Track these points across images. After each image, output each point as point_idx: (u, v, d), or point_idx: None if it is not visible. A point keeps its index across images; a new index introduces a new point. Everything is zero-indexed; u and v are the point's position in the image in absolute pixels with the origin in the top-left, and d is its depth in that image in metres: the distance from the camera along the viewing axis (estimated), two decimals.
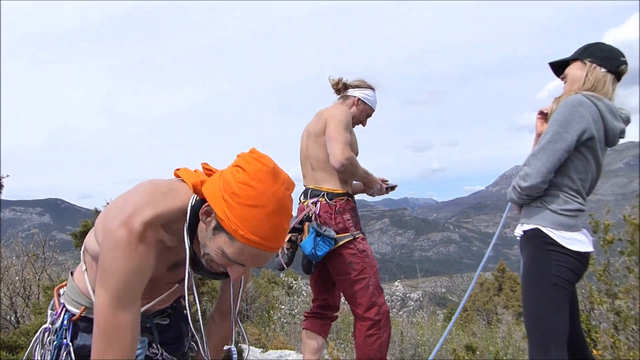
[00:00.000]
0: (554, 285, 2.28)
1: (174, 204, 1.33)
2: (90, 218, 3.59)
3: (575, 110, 2.28)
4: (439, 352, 5.44)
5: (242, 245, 1.23)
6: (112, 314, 1.24)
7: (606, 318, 3.71)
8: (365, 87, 3.28)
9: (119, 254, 1.22)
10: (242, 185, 1.22)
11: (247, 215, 1.21)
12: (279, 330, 7.08)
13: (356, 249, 2.95)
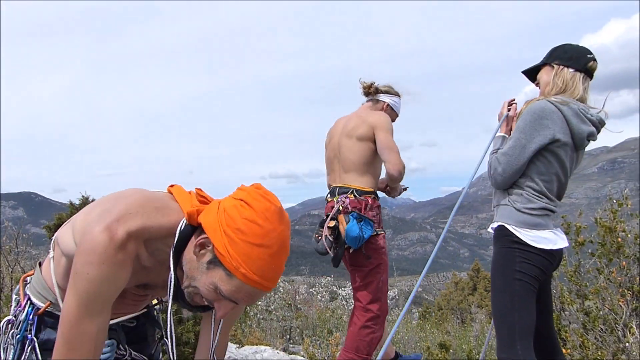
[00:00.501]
0: (518, 281, 2.34)
1: (164, 222, 1.26)
2: (64, 212, 3.54)
3: (537, 118, 2.36)
4: (413, 349, 5.50)
5: (240, 284, 1.17)
6: (79, 320, 1.19)
7: (576, 318, 3.80)
8: (394, 94, 3.46)
9: (95, 259, 1.16)
10: (248, 223, 1.16)
11: (251, 254, 1.15)
12: (255, 327, 7.07)
13: (377, 245, 3.07)
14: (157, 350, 1.72)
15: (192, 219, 1.25)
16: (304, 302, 8.43)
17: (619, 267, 3.57)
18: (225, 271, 1.17)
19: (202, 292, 1.22)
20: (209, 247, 1.19)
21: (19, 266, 4.33)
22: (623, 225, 3.71)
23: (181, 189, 1.41)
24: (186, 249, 1.26)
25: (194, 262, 1.23)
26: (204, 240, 1.20)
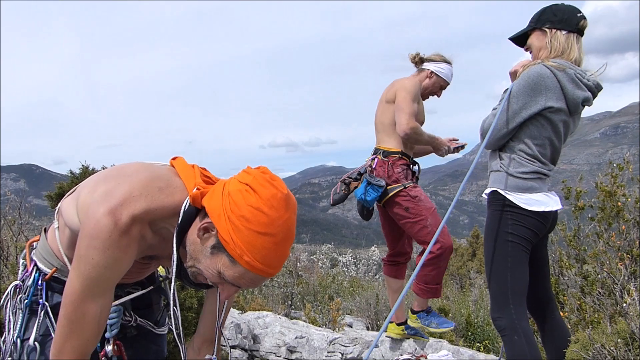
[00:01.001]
0: (510, 242, 2.37)
1: (167, 202, 1.25)
2: (66, 181, 3.53)
3: (532, 84, 2.34)
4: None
5: (244, 271, 1.17)
6: (81, 303, 1.20)
7: (574, 282, 3.83)
8: (440, 61, 3.61)
9: (99, 245, 1.16)
10: (253, 210, 1.14)
11: (255, 243, 1.14)
12: (257, 293, 7.16)
13: (409, 196, 3.41)
14: (163, 316, 1.74)
15: (196, 202, 1.23)
16: (305, 269, 8.53)
17: (619, 231, 3.58)
18: (229, 257, 1.16)
19: (205, 274, 1.22)
20: (213, 231, 1.18)
21: (23, 235, 4.39)
22: (623, 190, 3.71)
23: (184, 163, 1.39)
24: (190, 230, 1.25)
25: (197, 244, 1.22)
26: (208, 224, 1.19)
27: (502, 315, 2.38)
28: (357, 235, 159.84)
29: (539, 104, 2.33)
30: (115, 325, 1.48)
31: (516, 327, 2.33)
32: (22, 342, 1.41)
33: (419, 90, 3.52)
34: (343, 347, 4.08)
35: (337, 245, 12.07)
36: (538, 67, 2.36)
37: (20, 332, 1.42)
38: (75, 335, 1.21)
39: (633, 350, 1.81)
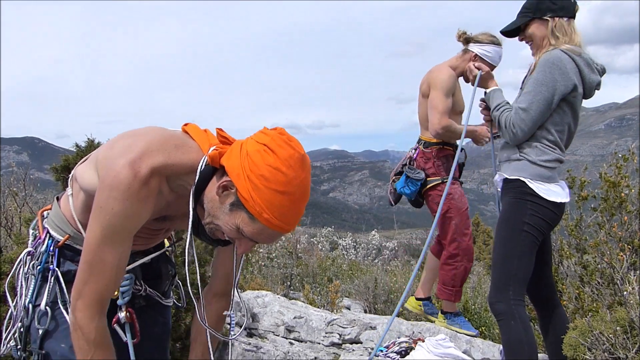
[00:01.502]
0: (525, 232, 2.38)
1: (185, 160, 1.30)
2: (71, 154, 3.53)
3: (556, 67, 2.32)
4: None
5: (263, 227, 1.21)
6: (101, 249, 1.25)
7: (573, 271, 3.84)
8: (487, 43, 3.45)
9: (119, 195, 1.20)
10: (272, 170, 1.18)
11: (274, 201, 1.18)
12: (257, 273, 7.21)
13: (449, 193, 3.41)
14: (169, 288, 1.78)
15: (214, 162, 1.28)
16: (305, 251, 8.57)
17: (621, 222, 3.58)
18: (248, 214, 1.21)
19: (224, 230, 1.27)
20: (232, 189, 1.22)
21: (28, 206, 4.42)
22: (627, 181, 3.70)
23: (196, 127, 1.42)
24: (207, 188, 1.30)
25: (216, 202, 1.26)
26: (227, 183, 1.23)
27: (500, 300, 2.41)
28: (357, 219, 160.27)
29: (568, 85, 2.34)
30: (127, 292, 1.51)
31: (513, 312, 2.35)
32: (34, 307, 1.45)
33: (453, 83, 3.47)
34: (341, 328, 4.12)
35: (337, 228, 12.11)
36: (557, 52, 2.35)
37: (32, 297, 1.45)
38: (94, 280, 1.26)
39: (632, 338, 1.82)
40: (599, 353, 1.84)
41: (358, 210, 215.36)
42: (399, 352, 3.59)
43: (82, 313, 1.28)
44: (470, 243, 3.50)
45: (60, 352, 1.41)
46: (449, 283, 3.58)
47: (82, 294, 1.28)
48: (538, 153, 2.42)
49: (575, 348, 1.95)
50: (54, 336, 1.43)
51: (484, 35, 3.49)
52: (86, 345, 1.28)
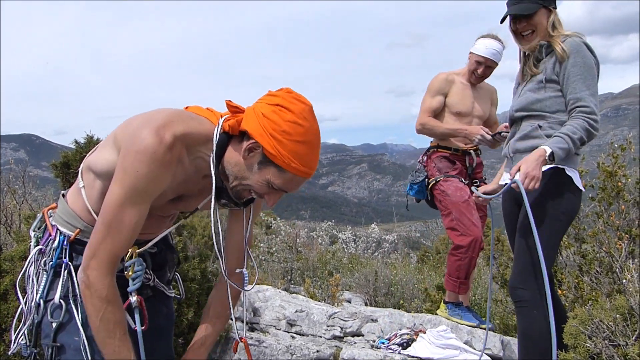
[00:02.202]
0: (559, 222, 2.40)
1: (201, 129, 1.41)
2: (70, 151, 3.53)
3: (587, 52, 2.39)
4: (411, 291, 5.65)
5: (292, 176, 1.37)
6: (121, 209, 1.32)
7: (572, 261, 3.87)
8: (478, 39, 3.69)
9: (145, 158, 1.29)
10: (292, 124, 1.33)
11: (298, 151, 1.34)
12: (257, 268, 7.23)
13: (439, 190, 3.69)
14: (173, 277, 1.83)
15: (234, 129, 1.39)
16: (305, 245, 8.58)
17: (618, 211, 3.60)
18: (278, 168, 1.36)
19: (255, 188, 1.41)
20: (258, 149, 1.35)
21: (27, 203, 4.43)
22: (624, 170, 3.72)
23: (199, 107, 1.53)
24: (226, 155, 1.42)
25: (242, 164, 1.39)
26: (253, 144, 1.36)
27: (525, 287, 2.37)
28: (357, 213, 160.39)
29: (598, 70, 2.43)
30: (138, 279, 1.55)
31: (537, 301, 2.32)
32: (45, 302, 1.47)
33: (440, 84, 3.72)
34: (342, 321, 4.14)
35: (337, 222, 12.12)
36: (578, 40, 2.42)
37: (43, 293, 1.47)
38: (111, 240, 1.32)
39: (631, 325, 1.84)
40: (599, 341, 1.86)
41: (357, 203, 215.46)
42: (401, 344, 3.61)
43: (96, 271, 1.33)
44: (478, 234, 3.52)
45: (74, 344, 1.44)
46: (454, 274, 3.67)
47: (96, 253, 1.33)
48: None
49: (575, 337, 1.97)
50: (68, 329, 1.45)
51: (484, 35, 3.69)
52: (99, 302, 1.33)
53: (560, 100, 2.47)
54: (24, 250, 2.65)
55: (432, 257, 9.71)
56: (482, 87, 3.86)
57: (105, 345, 1.35)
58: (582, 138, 2.35)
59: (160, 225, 1.63)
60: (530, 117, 2.56)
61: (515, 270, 2.46)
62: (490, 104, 3.92)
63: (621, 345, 1.82)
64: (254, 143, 1.35)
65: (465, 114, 3.73)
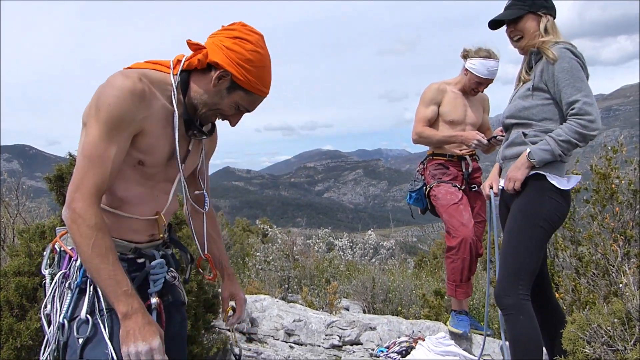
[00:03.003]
0: (540, 227, 2.40)
1: (163, 70, 1.57)
2: (63, 163, 3.51)
3: (574, 58, 2.39)
4: (409, 297, 5.64)
5: (256, 97, 1.59)
6: (100, 144, 1.40)
7: (569, 264, 3.87)
8: (475, 57, 3.70)
9: (115, 91, 1.40)
10: (253, 53, 1.53)
11: (260, 75, 1.55)
12: (254, 277, 7.20)
13: (433, 195, 3.81)
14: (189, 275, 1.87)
15: (202, 63, 1.54)
16: (301, 253, 8.55)
17: (612, 213, 3.62)
18: (245, 91, 1.56)
19: (224, 111, 1.60)
20: (227, 77, 1.53)
21: (20, 217, 4.38)
22: (617, 172, 3.73)
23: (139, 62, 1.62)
24: (192, 87, 1.57)
25: (211, 92, 1.56)
26: (222, 73, 1.53)
27: (508, 294, 2.41)
28: (353, 219, 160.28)
29: (586, 76, 2.42)
30: (159, 282, 1.59)
31: (522, 307, 2.36)
32: (70, 322, 1.47)
33: (433, 94, 3.81)
34: (341, 329, 4.13)
35: (333, 229, 12.11)
36: (566, 46, 2.42)
37: (67, 313, 1.48)
38: (92, 173, 1.39)
39: (629, 329, 1.84)
40: (597, 346, 1.86)
41: (353, 209, 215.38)
42: (400, 352, 3.60)
43: (81, 203, 1.38)
44: (466, 234, 3.53)
45: (102, 357, 1.42)
46: (450, 277, 3.69)
47: (80, 186, 1.39)
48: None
49: (574, 342, 1.97)
50: (94, 343, 1.44)
51: (476, 50, 3.70)
52: (88, 230, 1.36)
53: (548, 108, 2.49)
54: (18, 265, 2.62)
55: (430, 262, 9.70)
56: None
57: (100, 271, 1.37)
58: (570, 140, 2.35)
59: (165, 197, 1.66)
60: (518, 124, 2.59)
61: (499, 278, 2.50)
62: (482, 111, 3.97)
63: (620, 350, 1.81)
64: (224, 72, 1.52)
65: (458, 122, 3.78)
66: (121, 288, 1.37)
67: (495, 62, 3.65)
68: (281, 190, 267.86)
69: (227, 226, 10.68)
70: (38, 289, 2.61)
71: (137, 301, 1.39)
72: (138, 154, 1.51)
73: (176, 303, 1.75)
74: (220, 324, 3.87)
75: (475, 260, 3.65)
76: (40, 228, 2.85)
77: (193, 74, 1.58)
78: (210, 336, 3.34)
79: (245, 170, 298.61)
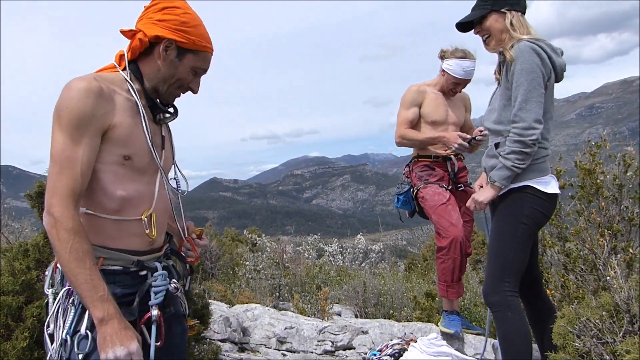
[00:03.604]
0: (523, 225, 2.41)
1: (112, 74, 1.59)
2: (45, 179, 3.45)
3: (534, 54, 2.35)
4: (400, 300, 5.64)
5: (204, 54, 1.62)
6: (65, 148, 1.41)
7: (557, 260, 3.89)
8: (451, 57, 3.72)
9: (72, 93, 1.42)
10: (185, 15, 1.58)
11: (200, 32, 1.60)
12: (245, 286, 7.15)
13: (421, 197, 3.77)
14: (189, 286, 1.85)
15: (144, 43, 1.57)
16: (292, 261, 8.52)
17: (598, 208, 3.64)
18: (192, 52, 1.59)
19: (183, 77, 1.61)
20: (172, 46, 1.57)
21: (3, 236, 4.31)
22: (602, 167, 3.77)
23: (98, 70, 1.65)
24: (144, 73, 1.60)
25: (164, 65, 1.59)
26: (166, 43, 1.56)
27: (495, 292, 2.42)
28: (342, 224, 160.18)
29: (547, 72, 2.39)
30: (160, 293, 1.57)
31: (509, 304, 2.37)
32: (72, 336, 1.46)
33: (413, 96, 3.81)
34: (333, 335, 4.11)
35: (323, 235, 12.08)
36: (527, 44, 2.38)
37: (69, 328, 1.47)
38: (65, 176, 1.40)
39: (618, 322, 1.85)
40: (587, 339, 1.86)
41: (342, 215, 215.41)
42: (392, 354, 3.59)
43: (58, 207, 1.39)
44: (456, 233, 3.52)
45: None
46: (441, 278, 3.67)
47: (55, 191, 1.40)
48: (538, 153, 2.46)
49: (564, 336, 1.97)
50: (93, 358, 1.43)
51: (452, 50, 3.72)
52: (66, 234, 1.37)
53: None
54: (2, 284, 2.57)
55: (420, 265, 9.72)
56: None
57: (77, 275, 1.37)
58: (514, 150, 2.37)
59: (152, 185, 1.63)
60: (492, 131, 2.62)
61: (486, 276, 2.51)
62: (464, 110, 3.99)
63: (609, 343, 1.82)
64: (167, 41, 1.56)
65: (440, 122, 3.80)
66: (97, 293, 1.37)
67: (471, 62, 3.67)
68: (269, 199, 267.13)
69: (215, 237, 10.61)
70: (23, 308, 2.56)
71: (113, 306, 1.38)
72: (119, 148, 1.50)
73: (177, 315, 1.73)
74: (211, 335, 3.83)
75: (465, 259, 3.66)
76: (24, 246, 2.80)
77: (139, 60, 1.62)
78: (201, 347, 3.30)
79: (233, 181, 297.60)
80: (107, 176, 1.50)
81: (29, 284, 2.59)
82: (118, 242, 1.53)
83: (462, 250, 3.55)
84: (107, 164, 1.50)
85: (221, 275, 8.37)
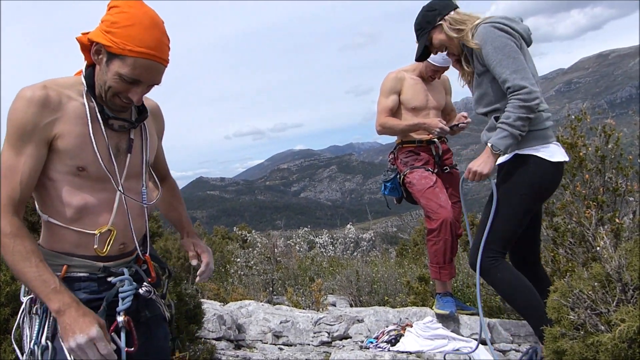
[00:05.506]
0: (520, 196, 2.42)
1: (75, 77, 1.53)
2: None
3: (497, 32, 2.41)
4: (394, 286, 5.65)
5: (133, 60, 1.40)
6: (7, 158, 1.40)
7: (546, 235, 3.92)
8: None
9: (16, 104, 1.39)
10: (117, 14, 1.41)
11: (129, 34, 1.38)
12: (237, 283, 7.12)
13: (408, 182, 3.77)
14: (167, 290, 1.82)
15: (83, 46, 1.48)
16: (283, 254, 8.51)
17: (583, 180, 3.67)
18: (119, 57, 1.40)
19: (113, 87, 1.44)
20: (102, 49, 1.43)
21: None
22: (584, 140, 3.79)
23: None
24: (95, 77, 1.49)
25: (99, 72, 1.46)
26: (95, 46, 1.44)
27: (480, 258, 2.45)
28: (332, 215, 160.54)
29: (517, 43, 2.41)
30: (127, 299, 1.53)
31: (496, 265, 2.42)
32: (39, 346, 1.45)
33: (392, 83, 3.81)
34: (329, 326, 4.10)
35: (313, 227, 12.10)
36: (486, 26, 2.44)
37: (37, 338, 1.45)
38: (4, 185, 1.39)
39: (610, 291, 1.85)
40: (581, 311, 1.87)
41: (331, 206, 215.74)
42: (389, 341, 3.59)
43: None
44: (446, 214, 3.54)
45: None
46: (433, 260, 3.68)
47: None
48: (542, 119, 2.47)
49: (558, 310, 1.97)
50: None
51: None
52: (5, 239, 1.36)
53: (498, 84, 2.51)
54: None
55: (411, 250, 9.76)
56: None
57: (26, 274, 1.36)
58: (520, 117, 2.36)
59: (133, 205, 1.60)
60: (488, 112, 2.63)
61: (472, 245, 2.56)
62: (444, 93, 3.99)
63: (603, 313, 1.82)
64: (96, 45, 1.43)
65: (420, 108, 3.81)
66: (49, 287, 1.35)
67: None
68: (257, 195, 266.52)
69: (205, 236, 10.54)
70: (10, 320, 2.51)
71: (68, 296, 1.37)
72: (69, 159, 1.45)
73: (156, 318, 1.70)
74: (205, 334, 3.80)
75: (456, 241, 3.66)
76: None
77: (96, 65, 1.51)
78: (196, 347, 3.27)
79: (219, 179, 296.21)
80: (63, 185, 1.47)
81: (15, 295, 2.54)
82: (83, 249, 1.51)
83: (452, 232, 3.56)
84: (62, 173, 1.46)
85: (213, 273, 8.33)
